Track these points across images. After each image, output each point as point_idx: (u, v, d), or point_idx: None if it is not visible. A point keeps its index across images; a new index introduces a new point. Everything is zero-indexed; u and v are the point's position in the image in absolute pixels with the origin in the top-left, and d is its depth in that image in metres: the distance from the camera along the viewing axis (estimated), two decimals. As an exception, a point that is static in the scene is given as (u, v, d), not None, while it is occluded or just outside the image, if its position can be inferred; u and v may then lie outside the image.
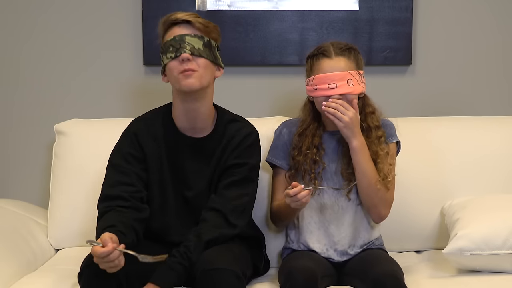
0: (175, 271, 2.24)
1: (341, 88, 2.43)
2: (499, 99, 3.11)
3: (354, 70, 2.46)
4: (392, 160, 2.52)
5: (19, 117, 3.10)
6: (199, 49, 2.32)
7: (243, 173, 2.41)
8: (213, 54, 2.36)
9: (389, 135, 2.55)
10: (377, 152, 2.48)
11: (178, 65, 2.32)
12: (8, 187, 3.11)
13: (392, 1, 3.01)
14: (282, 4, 3.02)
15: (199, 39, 2.33)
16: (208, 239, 2.30)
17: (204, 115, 2.41)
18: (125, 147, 2.43)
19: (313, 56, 2.50)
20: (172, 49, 2.32)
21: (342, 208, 2.53)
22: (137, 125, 2.48)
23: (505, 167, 2.77)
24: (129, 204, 2.35)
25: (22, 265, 2.54)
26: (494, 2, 3.07)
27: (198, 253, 2.28)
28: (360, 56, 2.51)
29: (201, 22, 2.35)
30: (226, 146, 2.43)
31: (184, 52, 2.30)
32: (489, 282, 2.39)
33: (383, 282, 2.27)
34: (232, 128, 2.45)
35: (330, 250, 2.52)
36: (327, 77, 2.44)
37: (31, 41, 3.07)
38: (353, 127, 2.41)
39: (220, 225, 2.34)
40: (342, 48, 2.47)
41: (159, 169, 2.43)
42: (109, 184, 2.39)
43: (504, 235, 2.40)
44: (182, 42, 2.32)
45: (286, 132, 2.59)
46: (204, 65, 2.34)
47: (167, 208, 2.44)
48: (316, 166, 2.51)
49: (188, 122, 2.42)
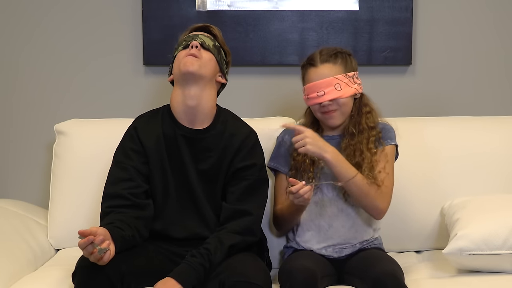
0: (196, 271, 2.26)
1: (329, 94, 2.47)
2: (499, 99, 3.11)
3: (341, 74, 2.48)
4: (386, 159, 2.51)
5: (19, 117, 3.10)
6: (209, 45, 2.45)
7: (254, 175, 2.44)
8: (220, 57, 2.48)
9: (387, 137, 2.56)
10: (363, 152, 2.49)
11: (185, 52, 2.43)
12: (8, 187, 3.11)
13: (392, 1, 3.01)
14: (282, 4, 3.02)
15: (211, 40, 2.47)
16: (230, 244, 2.33)
17: (203, 107, 2.44)
18: (126, 142, 2.48)
19: (303, 66, 2.56)
20: (185, 43, 2.46)
21: (341, 210, 2.53)
22: (137, 121, 2.53)
23: (505, 167, 2.77)
24: (130, 203, 2.37)
25: (22, 265, 2.54)
26: (494, 2, 3.07)
27: (220, 256, 2.30)
28: (350, 58, 2.53)
29: (216, 30, 2.53)
30: (227, 145, 2.44)
31: (195, 41, 2.43)
32: (489, 282, 2.39)
33: (383, 281, 2.27)
34: (231, 126, 2.48)
35: (328, 249, 2.52)
36: (315, 85, 2.49)
37: (31, 41, 3.07)
38: (317, 143, 2.41)
39: (241, 232, 2.38)
40: (329, 53, 2.51)
41: (159, 161, 2.45)
42: (110, 181, 2.43)
43: (504, 235, 2.40)
44: (196, 37, 2.46)
45: (288, 139, 2.60)
46: (208, 57, 2.44)
47: (170, 201, 2.45)
48: (315, 167, 2.53)
49: (186, 110, 2.44)
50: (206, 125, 2.46)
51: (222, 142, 2.45)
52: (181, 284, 2.22)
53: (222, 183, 2.46)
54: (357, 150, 2.50)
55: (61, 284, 2.39)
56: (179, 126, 2.46)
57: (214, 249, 2.30)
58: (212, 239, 2.34)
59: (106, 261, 2.17)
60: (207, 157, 2.44)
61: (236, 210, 2.40)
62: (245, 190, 2.43)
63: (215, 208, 2.45)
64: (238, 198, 2.42)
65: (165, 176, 2.45)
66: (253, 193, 2.43)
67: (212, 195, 2.45)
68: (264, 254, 2.57)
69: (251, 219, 2.41)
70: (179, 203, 2.45)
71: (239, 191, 2.43)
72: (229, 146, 2.45)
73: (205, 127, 2.46)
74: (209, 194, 2.45)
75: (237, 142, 2.45)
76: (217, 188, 2.46)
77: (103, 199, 2.41)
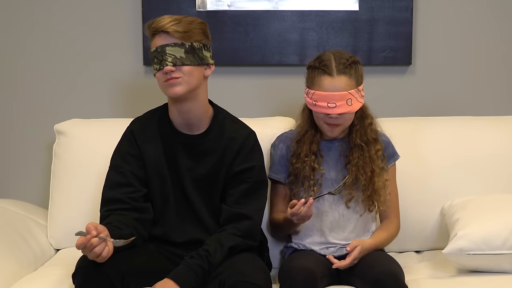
0: (195, 273, 2.25)
1: (340, 108, 2.44)
2: (499, 99, 3.11)
3: (354, 88, 2.45)
4: (394, 178, 2.59)
5: (19, 117, 3.10)
6: (181, 58, 2.32)
7: (253, 177, 2.43)
8: (198, 56, 2.35)
9: (391, 155, 2.59)
10: (374, 169, 2.51)
11: (162, 76, 2.34)
12: (8, 187, 3.11)
13: (392, 1, 3.01)
14: (282, 4, 3.02)
15: (179, 47, 2.32)
16: (230, 246, 2.33)
17: (198, 113, 2.42)
18: (123, 146, 2.46)
19: (315, 69, 2.48)
20: (156, 60, 2.33)
21: (342, 215, 2.54)
22: (134, 124, 2.50)
23: (505, 167, 2.77)
24: (129, 206, 2.37)
25: (22, 265, 2.54)
26: (494, 2, 3.07)
27: (220, 258, 2.30)
28: (361, 68, 2.49)
29: (180, 30, 2.32)
30: (226, 148, 2.43)
31: (166, 65, 2.31)
32: (489, 282, 2.39)
33: (384, 281, 2.27)
34: (229, 129, 2.45)
35: (330, 248, 2.53)
36: (327, 96, 2.43)
37: (31, 41, 3.06)
38: (363, 254, 2.45)
39: (241, 236, 2.37)
40: (344, 63, 2.45)
41: (157, 165, 2.43)
42: (108, 185, 2.42)
43: (504, 235, 2.40)
44: (164, 54, 2.31)
45: (283, 147, 2.60)
46: (188, 71, 2.33)
47: (169, 206, 2.44)
48: (315, 173, 2.52)
49: (183, 120, 2.42)
50: (204, 129, 2.44)
51: (220, 145, 2.43)
52: (180, 285, 2.21)
53: (221, 186, 2.44)
54: (367, 165, 2.50)
55: (61, 284, 2.39)
56: (177, 132, 2.44)
57: (214, 250, 2.30)
58: (212, 240, 2.34)
59: (105, 255, 2.16)
60: (205, 161, 2.43)
61: (236, 213, 2.39)
62: (244, 192, 2.42)
63: (213, 213, 2.44)
64: (237, 200, 2.41)
65: (163, 181, 2.43)
66: (252, 196, 2.42)
67: (209, 200, 2.44)
68: (264, 254, 2.57)
69: (250, 223, 2.40)
70: (178, 208, 2.44)
71: (238, 193, 2.42)
72: (228, 149, 2.43)
73: (203, 132, 2.43)
74: (206, 199, 2.44)
75: (236, 145, 2.43)
76: (215, 192, 2.44)
77: (102, 203, 2.40)
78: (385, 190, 2.52)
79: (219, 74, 2.76)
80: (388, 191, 2.53)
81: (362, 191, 2.51)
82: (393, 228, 2.58)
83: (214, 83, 2.56)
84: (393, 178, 2.59)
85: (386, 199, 2.52)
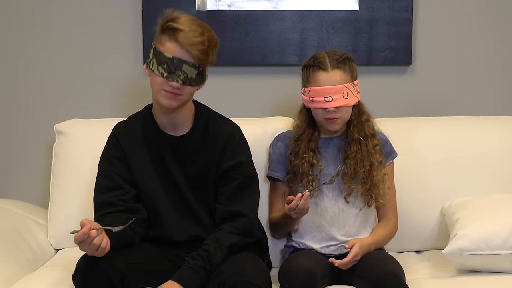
0: (197, 274, 2.26)
1: (336, 101, 2.46)
2: (499, 99, 3.11)
3: (349, 82, 2.48)
4: (392, 175, 2.61)
5: (19, 117, 3.10)
6: (191, 79, 2.29)
7: (242, 173, 2.42)
8: (201, 77, 2.34)
9: (388, 152, 2.60)
10: (372, 163, 2.52)
11: (165, 84, 2.30)
12: (8, 187, 3.11)
13: (392, 1, 3.01)
14: (282, 4, 3.02)
15: (195, 68, 2.29)
16: (229, 244, 2.33)
17: (184, 114, 2.42)
18: (107, 150, 2.46)
19: (309, 67, 2.52)
20: (167, 67, 2.28)
21: (342, 210, 2.54)
22: (117, 128, 2.50)
23: (505, 167, 2.77)
24: (122, 208, 2.37)
25: (22, 265, 2.54)
26: (493, 2, 3.07)
27: (220, 257, 2.30)
28: (354, 65, 2.53)
29: (202, 57, 2.29)
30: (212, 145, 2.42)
31: (176, 82, 2.28)
32: (489, 282, 2.39)
33: (384, 281, 2.27)
34: (213, 126, 2.44)
35: (331, 247, 2.53)
36: (324, 90, 2.46)
37: (31, 41, 3.06)
38: (363, 252, 2.45)
39: (239, 233, 2.37)
40: (338, 59, 2.49)
41: (143, 167, 2.43)
42: (98, 190, 2.42)
43: (504, 235, 2.40)
44: (179, 69, 2.27)
45: (282, 145, 2.61)
46: (189, 91, 2.33)
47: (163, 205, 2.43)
48: (314, 169, 2.53)
49: (167, 120, 2.42)
50: (188, 128, 2.43)
51: (206, 144, 2.43)
52: (184, 287, 2.22)
53: (213, 185, 2.44)
54: (365, 159, 2.52)
55: (61, 284, 2.39)
56: (162, 134, 2.43)
57: (214, 250, 2.30)
58: (210, 240, 2.34)
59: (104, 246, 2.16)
60: (192, 161, 2.42)
61: (230, 211, 2.39)
62: (236, 189, 2.41)
63: (209, 211, 2.44)
64: (229, 198, 2.41)
65: (151, 182, 2.43)
66: (244, 191, 2.42)
67: (204, 199, 2.44)
68: (264, 254, 2.57)
69: (246, 220, 2.40)
70: (173, 209, 2.43)
71: (229, 191, 2.41)
72: (214, 148, 2.42)
73: (188, 132, 2.43)
74: (201, 197, 2.43)
75: (221, 143, 2.42)
76: (208, 191, 2.44)
77: (95, 209, 2.40)
78: (384, 184, 2.54)
79: (219, 74, 2.76)
80: (387, 185, 2.55)
81: (361, 184, 2.52)
82: (391, 226, 2.59)
83: (214, 83, 2.56)
84: (391, 177, 2.61)
85: (385, 192, 2.54)
